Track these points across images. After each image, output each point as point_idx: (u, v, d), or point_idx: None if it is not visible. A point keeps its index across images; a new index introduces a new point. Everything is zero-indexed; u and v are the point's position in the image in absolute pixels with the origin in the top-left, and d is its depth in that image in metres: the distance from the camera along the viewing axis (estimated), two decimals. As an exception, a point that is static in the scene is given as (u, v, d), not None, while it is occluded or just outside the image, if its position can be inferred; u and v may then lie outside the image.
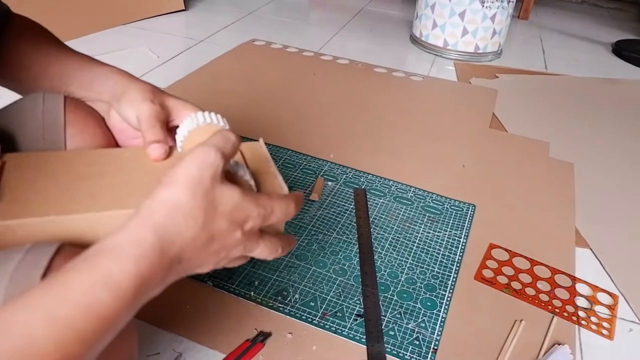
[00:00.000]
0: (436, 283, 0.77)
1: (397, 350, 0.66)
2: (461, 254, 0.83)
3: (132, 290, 0.29)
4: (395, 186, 0.98)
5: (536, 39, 2.00)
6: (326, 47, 1.70)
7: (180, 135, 0.44)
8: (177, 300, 0.71)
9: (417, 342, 0.68)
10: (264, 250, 0.39)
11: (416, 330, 0.69)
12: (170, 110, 0.48)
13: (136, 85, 0.47)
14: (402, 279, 0.77)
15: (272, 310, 0.70)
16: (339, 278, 0.76)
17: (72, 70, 0.49)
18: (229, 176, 0.39)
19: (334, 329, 0.68)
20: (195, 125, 0.43)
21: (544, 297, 0.77)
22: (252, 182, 0.41)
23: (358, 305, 0.72)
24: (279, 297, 0.72)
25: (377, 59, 1.63)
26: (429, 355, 0.66)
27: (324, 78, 1.44)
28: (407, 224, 0.89)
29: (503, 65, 1.68)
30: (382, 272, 0.78)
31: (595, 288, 0.81)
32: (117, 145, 0.51)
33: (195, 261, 0.34)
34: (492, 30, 1.63)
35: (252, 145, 0.49)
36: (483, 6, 1.57)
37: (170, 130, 0.47)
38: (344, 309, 0.71)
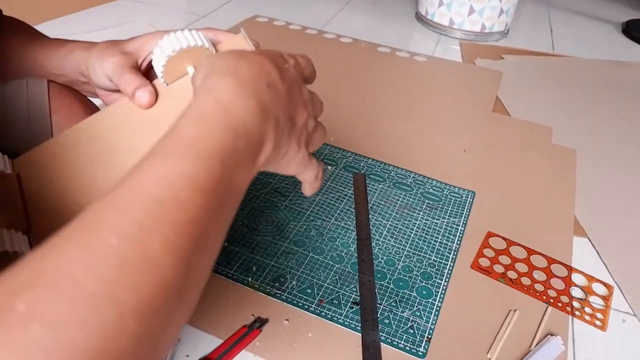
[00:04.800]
0: (432, 271, 0.78)
1: (391, 339, 0.67)
2: (459, 242, 0.84)
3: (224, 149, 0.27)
4: (395, 171, 0.98)
5: (544, 17, 1.97)
6: (331, 24, 1.67)
7: (158, 64, 0.40)
8: (175, 285, 0.72)
9: (412, 331, 0.69)
10: (321, 132, 0.38)
11: (411, 318, 0.70)
12: (135, 52, 0.44)
13: (92, 53, 0.44)
14: (399, 266, 0.78)
15: (269, 297, 0.71)
16: (337, 265, 0.77)
17: (43, 59, 0.47)
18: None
19: (330, 316, 0.69)
20: (172, 51, 0.38)
21: (539, 287, 0.78)
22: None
23: (354, 293, 0.73)
24: (277, 284, 0.73)
25: (381, 37, 1.60)
26: (423, 344, 0.67)
27: (326, 58, 1.42)
28: (406, 211, 0.89)
29: (509, 45, 1.66)
30: (380, 259, 0.79)
31: (591, 278, 0.81)
32: None
33: (282, 88, 0.32)
34: (499, 10, 1.60)
35: (234, 41, 0.43)
36: (491, -16, 1.53)
37: (148, 71, 0.45)
38: (341, 296, 0.72)
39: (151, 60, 0.42)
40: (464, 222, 0.88)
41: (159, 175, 0.24)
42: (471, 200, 0.93)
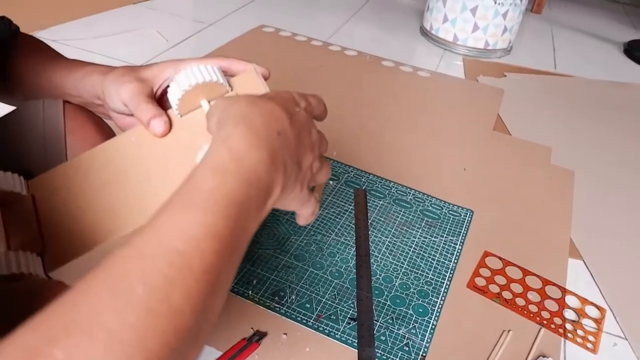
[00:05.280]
0: (429, 290, 0.79)
1: (386, 356, 0.69)
2: (456, 261, 0.85)
3: (235, 201, 0.29)
4: (396, 188, 1.00)
5: (547, 35, 1.99)
6: (336, 35, 1.69)
7: (174, 97, 0.41)
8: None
9: (407, 349, 0.70)
10: (325, 171, 0.40)
11: (406, 336, 0.72)
12: (151, 80, 0.46)
13: (109, 77, 0.45)
14: (397, 284, 0.79)
15: (268, 310, 0.73)
16: (335, 280, 0.78)
17: (60, 79, 0.49)
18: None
19: (327, 331, 0.71)
20: (188, 85, 0.40)
21: (533, 308, 0.79)
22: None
23: (352, 309, 0.74)
24: (276, 297, 0.74)
25: (385, 50, 1.62)
26: (418, 362, 0.69)
27: (330, 70, 1.44)
28: (405, 228, 0.90)
29: (512, 62, 1.68)
30: (378, 276, 0.80)
31: (584, 301, 0.83)
32: None
33: (292, 133, 0.34)
34: (503, 27, 1.62)
35: (246, 75, 0.44)
36: (495, 3, 1.55)
37: (162, 98, 0.46)
38: (339, 311, 0.74)
39: (165, 89, 0.44)
40: (462, 240, 0.90)
41: (181, 227, 0.26)
42: (469, 219, 0.95)
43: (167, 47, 1.47)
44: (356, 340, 0.70)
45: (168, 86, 0.43)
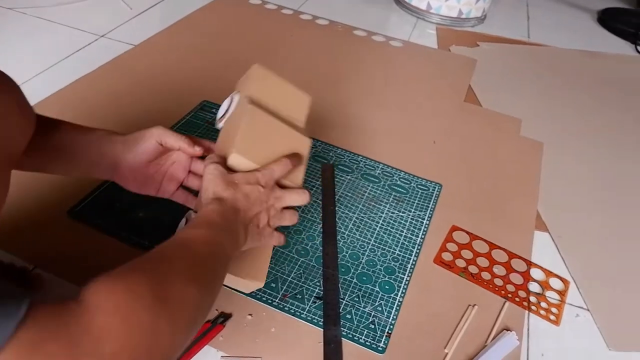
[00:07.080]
0: (396, 266, 0.79)
1: (352, 334, 0.69)
2: (423, 236, 0.85)
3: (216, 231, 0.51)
4: (364, 162, 0.99)
5: (522, 3, 1.96)
6: (308, 3, 1.64)
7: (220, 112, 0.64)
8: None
9: (373, 326, 0.70)
10: (292, 197, 0.60)
11: (372, 314, 0.72)
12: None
13: (124, 137, 0.61)
14: (363, 261, 0.79)
15: (233, 290, 0.72)
16: (301, 259, 0.78)
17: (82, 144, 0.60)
18: None
19: (292, 311, 0.70)
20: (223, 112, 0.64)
21: (498, 282, 0.80)
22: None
23: (318, 287, 0.74)
24: (241, 277, 0.73)
25: (358, 19, 1.58)
26: (383, 339, 0.69)
27: (301, 40, 1.40)
28: (373, 203, 0.90)
29: (485, 31, 1.65)
30: (344, 253, 0.80)
31: (548, 273, 0.84)
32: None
33: (248, 208, 0.56)
34: (477, -5, 1.59)
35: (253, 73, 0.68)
36: (469, -31, 1.52)
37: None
38: (304, 290, 0.73)
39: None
40: (429, 215, 0.89)
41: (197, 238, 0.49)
42: (438, 192, 0.95)
43: (131, 15, 1.41)
44: (322, 320, 0.70)
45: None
